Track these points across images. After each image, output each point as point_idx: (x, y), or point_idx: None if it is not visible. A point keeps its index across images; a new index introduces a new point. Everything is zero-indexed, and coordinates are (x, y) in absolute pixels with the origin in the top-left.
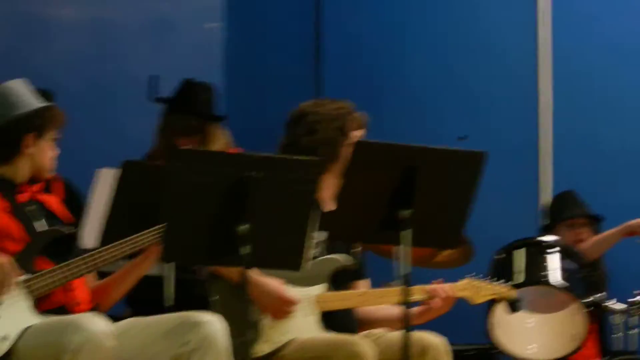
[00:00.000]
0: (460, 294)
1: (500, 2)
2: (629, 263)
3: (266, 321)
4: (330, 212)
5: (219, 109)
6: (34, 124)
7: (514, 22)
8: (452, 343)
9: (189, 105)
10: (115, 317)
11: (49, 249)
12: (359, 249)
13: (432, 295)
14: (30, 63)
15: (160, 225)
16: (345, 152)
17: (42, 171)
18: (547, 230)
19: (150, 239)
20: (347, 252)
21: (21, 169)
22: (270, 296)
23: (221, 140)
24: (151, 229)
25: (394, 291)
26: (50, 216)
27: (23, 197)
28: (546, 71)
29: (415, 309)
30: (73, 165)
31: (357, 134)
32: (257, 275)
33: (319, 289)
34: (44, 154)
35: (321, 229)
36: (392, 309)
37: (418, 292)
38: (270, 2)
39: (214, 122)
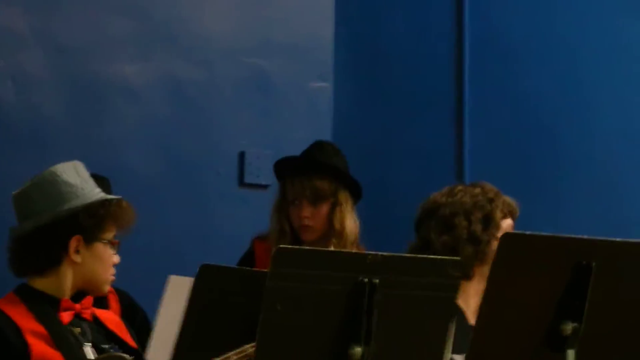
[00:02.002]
0: None
1: None
2: None
3: None
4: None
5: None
6: (84, 223)
7: None
8: None
9: (320, 164)
10: None
11: None
12: None
13: None
14: (86, 132)
15: (249, 347)
16: (493, 249)
17: (96, 284)
18: None
19: None
20: None
21: (66, 281)
22: None
23: (351, 220)
24: (237, 352)
25: None
26: (104, 338)
27: (67, 317)
28: None
29: None
30: (139, 271)
31: (506, 225)
32: None
33: None
34: (99, 262)
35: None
36: None
37: None
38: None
39: (347, 188)
